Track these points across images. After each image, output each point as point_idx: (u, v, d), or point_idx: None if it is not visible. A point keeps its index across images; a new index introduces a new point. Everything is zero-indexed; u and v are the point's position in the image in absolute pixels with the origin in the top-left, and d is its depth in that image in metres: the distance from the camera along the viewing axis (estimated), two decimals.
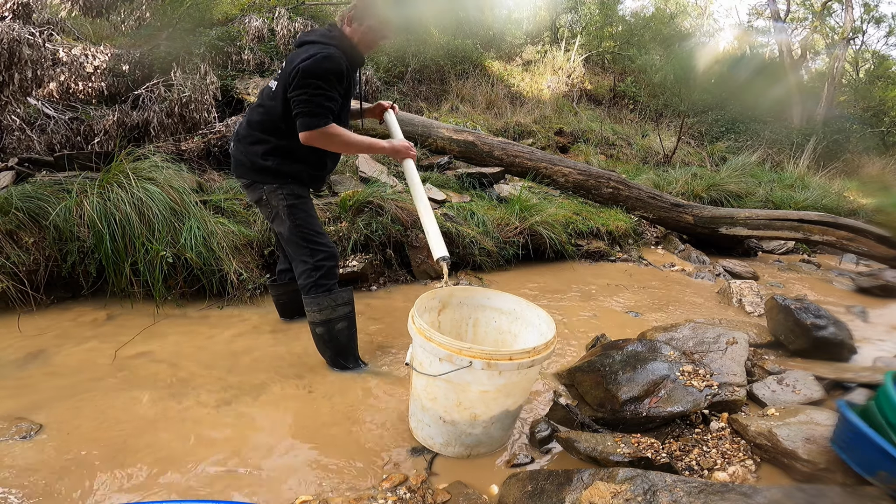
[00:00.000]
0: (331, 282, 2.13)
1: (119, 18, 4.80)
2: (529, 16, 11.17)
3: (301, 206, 2.11)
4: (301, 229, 2.09)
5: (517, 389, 1.63)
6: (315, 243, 2.11)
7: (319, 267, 2.10)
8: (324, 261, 2.12)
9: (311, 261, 2.10)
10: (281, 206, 2.08)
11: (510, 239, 3.87)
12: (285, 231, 2.11)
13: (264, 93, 2.10)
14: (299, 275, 2.15)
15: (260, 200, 2.13)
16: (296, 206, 2.09)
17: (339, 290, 2.14)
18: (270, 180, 2.08)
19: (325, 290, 2.11)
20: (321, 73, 1.89)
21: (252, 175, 2.10)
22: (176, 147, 3.84)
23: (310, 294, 2.11)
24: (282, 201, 2.07)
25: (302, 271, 2.13)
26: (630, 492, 1.30)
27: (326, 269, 2.12)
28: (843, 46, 13.80)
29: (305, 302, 2.13)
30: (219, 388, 1.98)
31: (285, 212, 2.08)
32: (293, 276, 2.52)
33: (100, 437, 1.65)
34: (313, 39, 2.01)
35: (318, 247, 2.12)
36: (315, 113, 1.92)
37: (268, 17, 6.38)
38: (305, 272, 2.11)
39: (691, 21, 16.79)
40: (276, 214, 2.11)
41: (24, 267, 2.49)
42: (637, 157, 8.40)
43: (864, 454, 1.41)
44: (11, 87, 3.42)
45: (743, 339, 2.26)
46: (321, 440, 1.72)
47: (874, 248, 4.70)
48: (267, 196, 2.09)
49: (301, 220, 2.10)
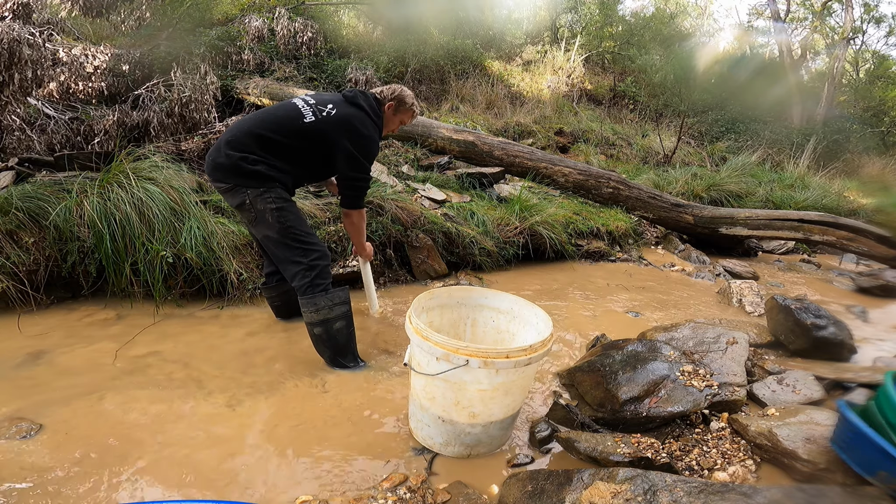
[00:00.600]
0: (326, 281, 2.13)
1: (119, 18, 4.81)
2: (529, 16, 11.17)
3: (289, 209, 2.11)
4: (291, 231, 2.09)
5: (515, 388, 1.63)
6: (307, 244, 2.11)
7: (314, 266, 2.10)
8: (317, 260, 2.11)
9: (304, 261, 2.10)
10: (268, 210, 2.06)
11: (510, 239, 3.87)
12: (273, 234, 2.09)
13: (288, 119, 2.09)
14: (293, 276, 2.13)
15: (242, 205, 2.09)
16: (284, 209, 2.08)
17: (335, 290, 2.14)
18: (255, 184, 2.06)
19: (321, 289, 2.10)
20: (371, 159, 2.18)
21: (235, 179, 2.07)
22: (176, 147, 3.84)
23: (306, 295, 2.10)
24: (269, 204, 2.06)
25: (296, 272, 2.11)
26: (630, 492, 1.30)
27: (321, 269, 2.12)
28: (843, 46, 13.80)
29: (302, 303, 2.12)
30: (218, 388, 1.97)
31: (274, 215, 2.06)
32: (282, 277, 2.51)
33: (100, 436, 1.64)
34: (366, 111, 2.19)
35: (311, 247, 2.12)
36: (363, 196, 2.24)
37: (268, 17, 6.38)
38: (300, 273, 2.10)
39: (691, 21, 16.78)
40: (261, 218, 2.08)
41: (24, 267, 2.49)
42: (637, 157, 8.40)
43: (864, 454, 1.40)
44: (11, 87, 3.42)
45: (743, 339, 2.26)
46: (320, 440, 1.71)
47: (874, 248, 4.70)
48: (251, 200, 2.06)
49: (291, 222, 2.09)
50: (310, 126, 2.08)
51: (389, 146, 5.02)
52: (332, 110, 2.12)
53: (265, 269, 2.57)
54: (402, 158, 4.90)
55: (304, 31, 6.21)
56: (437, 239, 3.50)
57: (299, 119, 2.08)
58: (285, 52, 6.48)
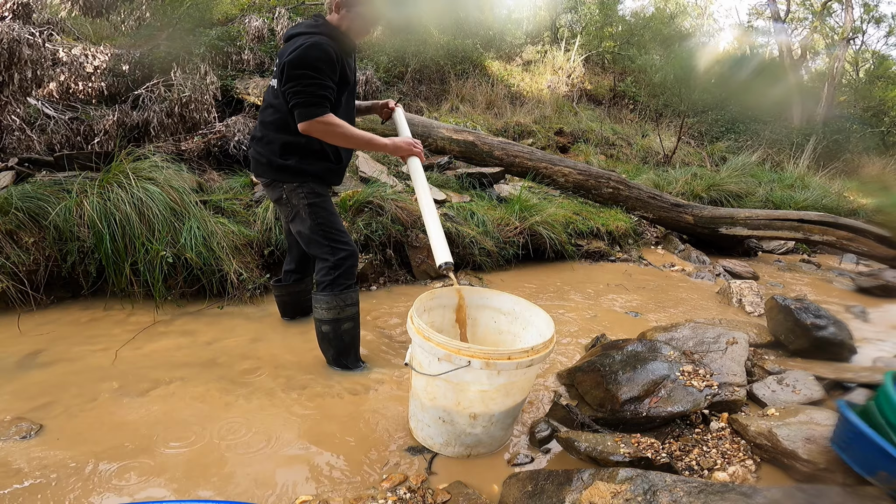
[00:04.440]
0: (349, 281, 2.12)
1: (119, 18, 4.81)
2: (529, 16, 11.17)
3: (321, 205, 2.10)
4: (322, 227, 2.09)
5: (516, 389, 1.62)
6: (336, 241, 2.10)
7: (339, 265, 2.09)
8: (344, 259, 2.10)
9: (331, 259, 2.09)
10: (301, 205, 2.07)
11: (510, 239, 3.87)
12: (306, 230, 2.09)
13: (269, 92, 2.09)
14: (318, 270, 2.13)
15: (280, 199, 2.11)
16: (316, 205, 2.08)
17: (349, 291, 2.13)
18: (289, 179, 2.06)
19: (341, 288, 2.09)
20: (310, 61, 1.84)
21: (271, 174, 2.08)
22: (176, 147, 3.84)
23: (324, 291, 2.09)
24: (302, 200, 2.06)
25: (321, 268, 2.11)
26: (630, 492, 1.30)
27: (346, 268, 2.10)
28: (843, 46, 13.80)
29: (315, 298, 2.11)
30: (219, 388, 1.98)
31: (306, 210, 2.07)
32: (298, 277, 2.54)
33: (100, 436, 1.65)
34: (299, 31, 1.97)
35: (339, 245, 2.10)
36: (310, 102, 1.87)
37: (268, 17, 6.38)
38: (324, 269, 2.10)
39: (691, 21, 16.79)
40: (297, 213, 2.09)
41: (24, 267, 2.49)
42: (637, 157, 8.40)
43: (864, 454, 1.40)
44: (11, 87, 3.42)
45: (743, 339, 2.26)
46: (321, 440, 1.71)
47: (874, 248, 4.70)
48: (287, 195, 2.08)
49: (322, 219, 2.09)
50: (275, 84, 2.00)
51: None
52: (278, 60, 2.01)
53: (285, 265, 2.57)
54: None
55: None
56: None
57: (273, 87, 2.04)
58: None
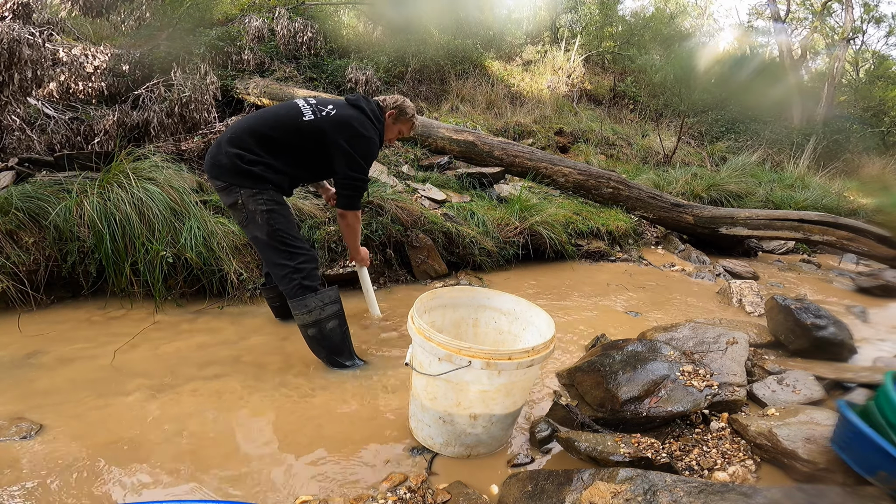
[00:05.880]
0: (314, 283, 2.14)
1: (119, 18, 4.81)
2: (529, 16, 11.17)
3: (280, 212, 2.10)
4: (279, 234, 2.09)
5: (517, 389, 1.63)
6: (294, 247, 2.12)
7: (300, 269, 2.11)
8: (304, 263, 2.12)
9: (291, 264, 2.10)
10: (259, 211, 2.06)
11: (510, 239, 3.87)
12: (262, 235, 2.09)
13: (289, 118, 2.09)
14: (280, 279, 2.14)
15: (235, 204, 2.09)
16: (275, 212, 2.08)
17: (324, 290, 2.14)
18: (250, 185, 2.05)
19: (310, 291, 2.11)
20: (371, 159, 2.18)
21: (230, 178, 2.07)
22: (176, 147, 3.84)
23: (296, 297, 2.10)
24: (261, 206, 2.06)
25: (283, 275, 2.12)
26: (630, 492, 1.30)
27: (308, 271, 2.12)
28: (843, 46, 13.80)
29: (292, 306, 2.12)
30: (219, 388, 1.98)
31: (264, 216, 2.06)
32: None
33: (100, 436, 1.65)
34: (367, 113, 2.19)
35: (297, 250, 2.12)
36: (359, 196, 2.21)
37: (268, 17, 6.38)
38: (287, 276, 2.11)
39: (691, 21, 16.79)
40: (252, 219, 2.08)
41: (24, 267, 2.49)
42: (637, 157, 8.39)
43: (864, 454, 1.40)
44: (11, 87, 3.41)
45: (743, 339, 2.26)
46: (320, 439, 1.71)
47: (874, 248, 4.70)
48: (243, 200, 2.06)
49: (280, 225, 2.09)
50: (309, 124, 2.08)
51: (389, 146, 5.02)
52: (332, 111, 2.13)
53: (265, 268, 2.57)
54: (402, 158, 4.91)
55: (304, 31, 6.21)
56: (437, 239, 3.50)
57: (299, 117, 2.09)
58: (285, 52, 6.48)
